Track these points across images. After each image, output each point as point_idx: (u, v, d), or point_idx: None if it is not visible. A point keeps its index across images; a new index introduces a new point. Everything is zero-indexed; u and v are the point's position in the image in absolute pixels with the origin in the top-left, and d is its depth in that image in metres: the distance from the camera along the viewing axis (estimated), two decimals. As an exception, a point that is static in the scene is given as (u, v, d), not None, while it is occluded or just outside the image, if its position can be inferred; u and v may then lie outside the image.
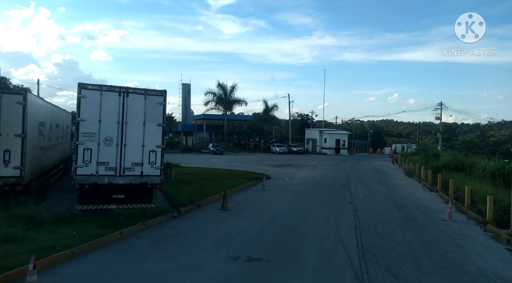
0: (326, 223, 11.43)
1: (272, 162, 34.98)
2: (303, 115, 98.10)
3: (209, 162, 33.42)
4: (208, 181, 18.86)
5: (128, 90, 10.79)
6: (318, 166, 31.16)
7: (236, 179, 19.79)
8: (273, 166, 30.45)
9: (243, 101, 53.43)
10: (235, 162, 33.33)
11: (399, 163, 34.33)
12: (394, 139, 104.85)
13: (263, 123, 55.25)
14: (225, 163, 32.42)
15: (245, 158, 40.59)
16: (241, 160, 37.10)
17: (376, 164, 36.18)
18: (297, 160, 37.97)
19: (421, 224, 11.52)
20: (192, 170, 23.45)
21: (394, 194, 17.34)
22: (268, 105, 55.65)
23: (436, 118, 66.40)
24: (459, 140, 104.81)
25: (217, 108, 54.09)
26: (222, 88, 52.68)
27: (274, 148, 50.49)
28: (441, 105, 66.25)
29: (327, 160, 39.73)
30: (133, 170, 10.80)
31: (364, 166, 32.73)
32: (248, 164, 32.05)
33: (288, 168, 29.29)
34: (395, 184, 21.08)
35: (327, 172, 26.96)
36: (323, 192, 17.62)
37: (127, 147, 10.73)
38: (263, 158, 41.03)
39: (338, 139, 51.10)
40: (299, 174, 24.78)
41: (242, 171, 24.27)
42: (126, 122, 10.73)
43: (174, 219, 11.16)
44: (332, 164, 34.39)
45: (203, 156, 43.17)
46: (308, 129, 58.41)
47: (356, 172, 27.03)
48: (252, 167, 28.67)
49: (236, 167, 27.46)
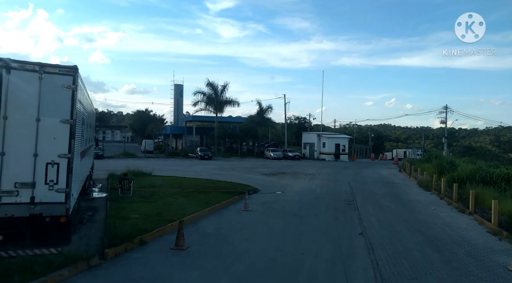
0: (331, 277, 7.33)
1: (265, 169, 30.87)
2: (300, 118, 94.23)
3: (192, 169, 29.26)
4: (176, 197, 14.71)
5: (10, 64, 6.61)
6: (316, 175, 27.08)
7: (213, 195, 15.66)
8: (264, 174, 26.34)
9: (235, 102, 49.35)
10: (222, 169, 29.20)
11: (407, 171, 30.30)
12: (393, 144, 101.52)
13: (256, 126, 51.09)
14: (210, 170, 28.28)
15: (235, 164, 36.46)
16: (230, 166, 32.97)
17: (381, 172, 32.14)
18: (292, 167, 33.89)
19: (479, 280, 7.42)
20: (164, 181, 19.29)
21: (417, 218, 13.23)
22: (262, 106, 51.59)
23: (441, 122, 62.87)
24: (459, 145, 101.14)
25: (207, 110, 50.01)
26: (213, 87, 48.56)
27: (268, 152, 46.37)
28: (446, 108, 62.62)
29: (326, 167, 35.65)
30: (17, 195, 6.67)
31: (368, 175, 28.66)
32: (236, 171, 27.92)
33: (282, 177, 25.17)
34: (411, 201, 17.00)
35: (327, 182, 22.86)
36: (323, 214, 13.47)
37: (6, 157, 6.60)
38: (255, 164, 36.91)
39: (338, 144, 47.03)
40: (294, 186, 20.67)
41: (225, 182, 20.13)
42: (6, 117, 6.59)
43: (88, 272, 6.98)
44: (332, 172, 30.31)
45: (189, 161, 38.99)
46: (305, 133, 54.32)
47: (361, 183, 22.95)
48: (239, 176, 24.55)
49: (221, 176, 23.34)
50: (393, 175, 29.86)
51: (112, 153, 42.39)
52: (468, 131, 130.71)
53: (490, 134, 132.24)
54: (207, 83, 48.16)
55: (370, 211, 14.19)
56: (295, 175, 26.82)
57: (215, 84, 48.56)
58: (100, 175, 20.51)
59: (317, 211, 13.90)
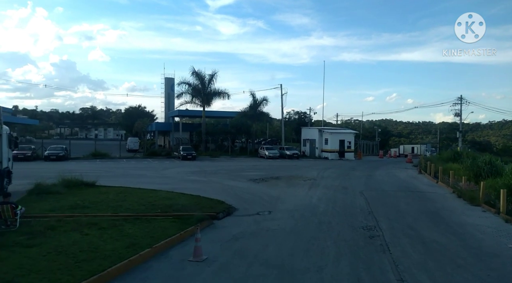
0: None
1: (255, 171, 25.14)
2: (300, 113, 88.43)
3: (162, 174, 23.54)
4: (87, 232, 8.88)
5: None
6: (318, 180, 21.33)
7: (156, 223, 9.90)
8: (252, 180, 20.61)
9: (225, 93, 43.40)
10: (202, 174, 23.47)
11: (429, 172, 24.57)
12: (395, 139, 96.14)
13: (250, 120, 45.21)
14: (184, 175, 22.57)
15: (221, 165, 30.72)
16: (214, 169, 27.24)
17: (397, 174, 26.39)
18: (289, 168, 28.16)
19: None
20: (101, 197, 13.52)
21: (499, 274, 7.47)
22: (256, 98, 45.67)
23: (456, 115, 57.05)
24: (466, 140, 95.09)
25: (193, 103, 44.19)
26: (199, 77, 42.64)
27: (263, 151, 40.61)
28: (461, 100, 56.86)
29: (330, 167, 29.89)
30: None
31: (384, 179, 22.89)
32: (218, 176, 22.19)
33: (274, 184, 19.44)
34: (465, 226, 11.16)
35: (333, 192, 17.11)
36: (331, 266, 7.63)
37: None
38: (246, 164, 31.16)
39: (342, 140, 41.16)
40: (288, 199, 14.93)
41: (191, 196, 14.33)
42: None
43: None
44: (338, 174, 24.58)
45: (168, 163, 33.25)
46: (305, 128, 48.38)
47: (378, 193, 17.19)
48: (219, 183, 18.85)
49: (193, 185, 17.72)
50: (414, 178, 24.11)
51: (83, 153, 36.71)
52: (470, 126, 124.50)
53: (493, 129, 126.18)
54: (192, 71, 42.27)
55: (410, 253, 8.42)
56: (292, 180, 21.09)
57: (201, 73, 42.70)
58: (26, 186, 14.84)
59: (321, 257, 8.09)
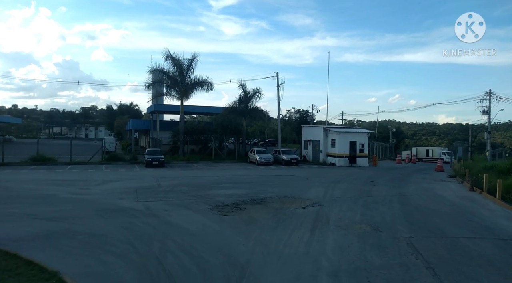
0: None
1: (232, 188, 17.03)
2: (302, 112, 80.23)
3: (86, 191, 15.32)
4: None
5: None
6: (325, 206, 13.12)
7: None
8: (219, 207, 12.44)
9: (207, 82, 35.11)
10: (145, 194, 15.36)
11: (485, 190, 16.48)
12: (408, 141, 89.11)
13: (240, 117, 37.01)
14: (112, 196, 14.47)
15: (190, 176, 22.57)
16: (173, 183, 19.11)
17: (439, 191, 18.15)
18: (284, 182, 19.98)
19: None
20: None
21: None
22: (247, 91, 37.33)
23: (483, 113, 48.72)
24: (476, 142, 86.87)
25: (169, 94, 36.06)
26: (176, 63, 34.41)
27: (253, 155, 32.36)
28: (489, 94, 48.54)
29: (340, 180, 21.69)
30: None
31: (428, 205, 14.57)
32: (167, 199, 14.05)
33: (252, 218, 11.18)
34: None
35: (357, 242, 8.90)
36: None
37: None
38: (227, 175, 23.04)
39: (354, 141, 32.84)
40: (269, 271, 6.80)
41: None
42: None
43: None
44: (354, 194, 16.37)
45: (123, 170, 25.07)
46: (306, 127, 40.02)
47: (441, 244, 8.88)
48: (153, 217, 10.69)
49: (98, 222, 9.66)
50: (470, 200, 15.83)
51: (21, 158, 28.64)
52: (475, 128, 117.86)
53: (499, 130, 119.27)
54: (167, 55, 33.92)
55: None
56: (283, 206, 12.88)
57: (178, 58, 34.44)
58: None
59: None
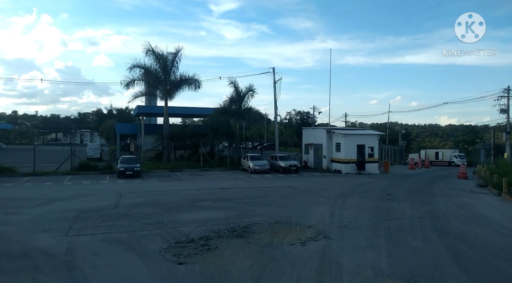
0: None
1: (210, 209, 12.88)
2: (303, 113, 76.37)
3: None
4: None
5: None
6: (332, 240, 8.91)
7: None
8: (181, 247, 8.29)
9: (194, 80, 31.00)
10: (84, 221, 11.21)
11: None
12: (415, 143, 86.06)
13: (232, 119, 32.85)
14: (32, 234, 10.31)
15: (166, 189, 18.42)
16: (137, 202, 14.91)
17: (481, 210, 13.89)
18: (278, 198, 15.73)
19: None
20: None
21: None
22: (239, 89, 33.14)
23: (502, 112, 44.75)
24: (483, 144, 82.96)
25: (151, 94, 31.98)
26: (159, 59, 30.34)
27: (246, 162, 28.22)
28: (508, 91, 44.53)
29: (349, 193, 17.49)
30: None
31: (475, 233, 10.24)
32: (110, 235, 9.88)
33: (224, 267, 7.06)
34: None
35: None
36: None
37: None
38: (210, 187, 18.87)
39: (362, 145, 28.65)
40: None
41: None
42: None
43: None
44: (371, 217, 12.11)
45: (87, 183, 20.88)
46: (307, 129, 35.79)
47: None
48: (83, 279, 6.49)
49: None
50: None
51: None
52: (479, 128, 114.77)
53: (501, 131, 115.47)
54: (148, 49, 29.81)
55: None
56: (272, 244, 8.60)
57: (162, 53, 30.34)
58: None
59: None
